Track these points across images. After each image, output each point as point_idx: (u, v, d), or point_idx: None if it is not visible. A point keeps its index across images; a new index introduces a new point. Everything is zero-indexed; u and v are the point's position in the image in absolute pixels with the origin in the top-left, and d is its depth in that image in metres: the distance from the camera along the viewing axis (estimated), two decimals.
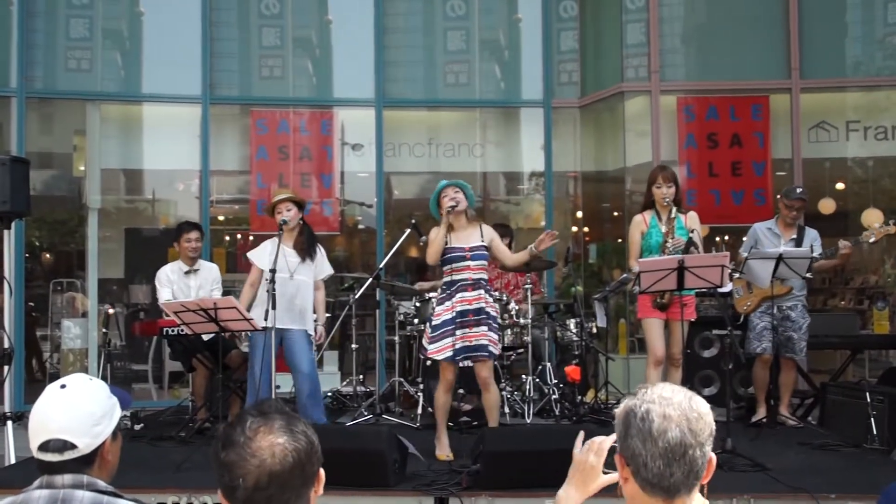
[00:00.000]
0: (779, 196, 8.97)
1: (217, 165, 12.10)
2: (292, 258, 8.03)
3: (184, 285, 8.91)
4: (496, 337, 7.24)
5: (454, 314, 7.13)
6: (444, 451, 7.28)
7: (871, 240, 8.30)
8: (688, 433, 2.27)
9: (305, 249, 8.11)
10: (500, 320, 7.33)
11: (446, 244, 7.18)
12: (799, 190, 8.71)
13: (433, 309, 7.37)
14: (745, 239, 8.94)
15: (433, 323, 7.24)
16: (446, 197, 7.18)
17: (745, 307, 8.67)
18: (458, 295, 7.16)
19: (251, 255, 8.31)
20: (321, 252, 8.34)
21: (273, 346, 7.69)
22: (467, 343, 7.10)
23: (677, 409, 2.30)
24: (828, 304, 14.48)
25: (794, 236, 8.63)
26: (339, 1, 12.80)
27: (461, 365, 7.25)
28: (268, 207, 8.31)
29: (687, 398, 2.35)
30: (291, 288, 7.94)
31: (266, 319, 7.43)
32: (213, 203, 12.30)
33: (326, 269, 8.37)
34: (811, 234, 8.74)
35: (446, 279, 7.29)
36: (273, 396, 7.99)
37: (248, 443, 2.15)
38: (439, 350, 7.16)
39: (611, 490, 2.67)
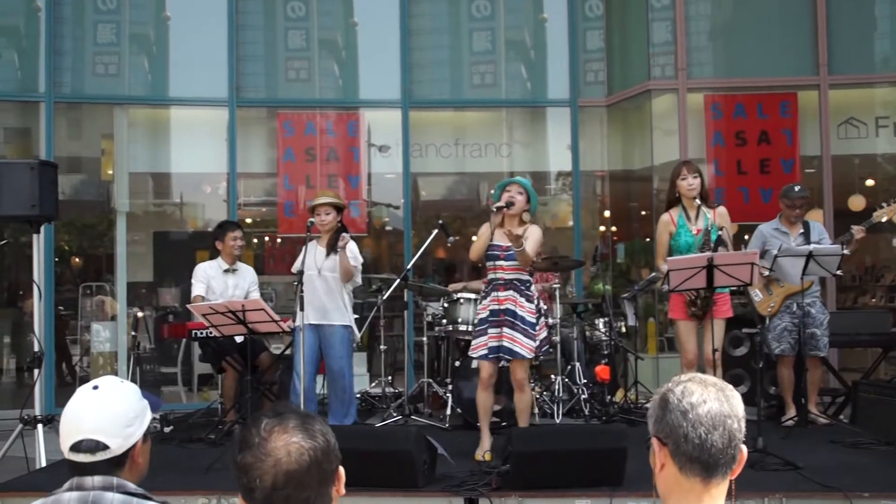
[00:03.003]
0: (780, 196, 8.87)
1: (244, 168, 12.14)
2: (320, 256, 8.13)
3: (221, 282, 8.95)
4: (526, 340, 7.08)
5: (488, 313, 7.13)
6: (481, 451, 7.25)
7: (884, 218, 8.32)
8: (726, 404, 2.33)
9: (331, 245, 8.21)
10: (533, 322, 7.20)
11: (491, 240, 7.17)
12: (797, 188, 8.65)
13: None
14: (751, 240, 8.90)
15: (477, 319, 7.32)
16: (508, 193, 7.14)
17: (768, 309, 8.62)
18: (493, 294, 7.15)
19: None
20: (350, 246, 8.39)
21: (304, 345, 7.77)
22: (496, 343, 7.08)
23: (713, 385, 2.37)
24: (858, 302, 14.39)
25: (802, 231, 8.59)
26: (365, 3, 12.79)
27: (499, 364, 7.24)
28: (308, 208, 8.45)
29: (719, 381, 2.42)
30: (321, 283, 8.04)
31: (295, 320, 7.53)
32: (241, 206, 12.33)
33: (354, 261, 8.44)
34: (817, 228, 8.71)
35: (488, 276, 7.31)
36: (315, 393, 8.12)
37: (264, 443, 2.16)
38: (475, 348, 7.19)
39: (644, 489, 2.66)
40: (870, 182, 12.60)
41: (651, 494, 2.49)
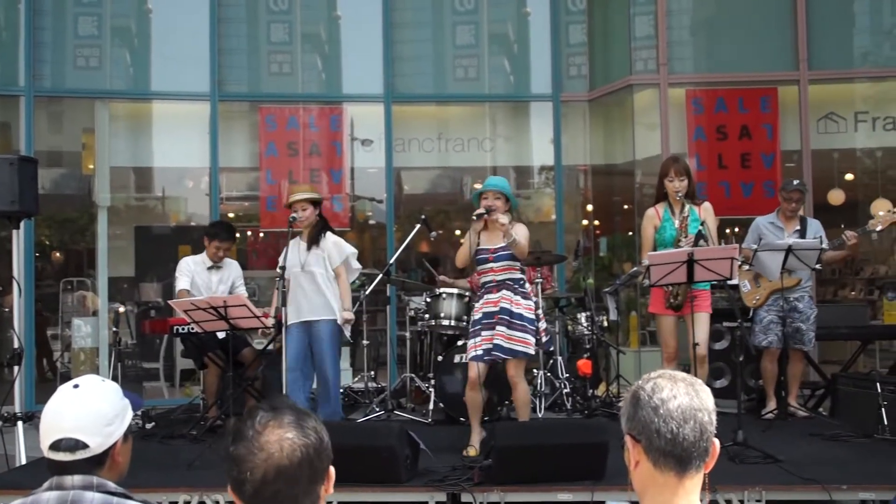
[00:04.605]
0: (779, 190, 8.95)
1: (226, 162, 12.09)
2: (304, 251, 8.07)
3: (205, 279, 8.92)
4: (526, 336, 7.10)
5: (481, 315, 7.18)
6: (471, 446, 7.25)
7: (878, 228, 8.28)
8: (696, 398, 2.36)
9: (313, 238, 8.14)
10: (532, 318, 7.23)
11: (478, 244, 7.18)
12: (796, 182, 8.70)
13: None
14: (748, 233, 8.94)
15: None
16: (485, 200, 7.12)
17: (754, 301, 8.67)
18: (485, 297, 7.21)
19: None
20: (330, 239, 8.28)
21: (286, 342, 7.74)
22: (488, 345, 7.08)
23: (682, 380, 2.40)
24: (838, 295, 14.46)
25: (798, 228, 8.62)
26: None
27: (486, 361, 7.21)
28: (286, 205, 8.29)
29: (688, 376, 2.45)
30: (305, 279, 7.99)
31: (278, 316, 7.49)
32: (223, 200, 12.30)
33: (338, 256, 8.25)
34: (814, 225, 8.74)
35: (480, 280, 7.40)
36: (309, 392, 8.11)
37: (257, 437, 2.16)
38: (468, 350, 7.25)
39: (625, 483, 2.67)
40: (849, 176, 12.67)
41: (629, 489, 2.51)
